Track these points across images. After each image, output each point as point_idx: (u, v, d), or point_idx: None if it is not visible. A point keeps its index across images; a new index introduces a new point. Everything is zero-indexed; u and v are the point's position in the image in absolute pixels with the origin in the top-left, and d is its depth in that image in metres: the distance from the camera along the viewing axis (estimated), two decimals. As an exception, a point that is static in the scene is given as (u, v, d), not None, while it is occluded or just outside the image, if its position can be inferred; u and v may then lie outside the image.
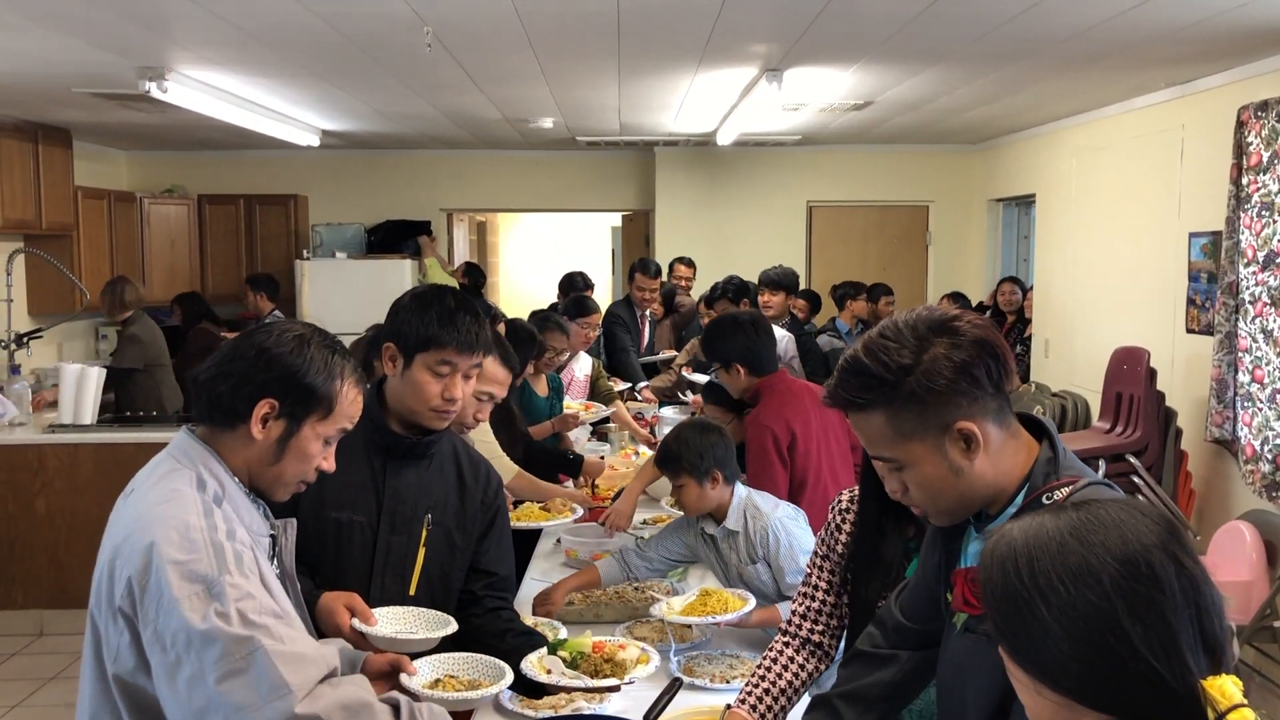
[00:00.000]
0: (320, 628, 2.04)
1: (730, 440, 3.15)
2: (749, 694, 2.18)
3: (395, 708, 1.64)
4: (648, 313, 6.92)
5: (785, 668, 2.23)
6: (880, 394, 1.53)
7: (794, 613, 2.36)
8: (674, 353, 6.65)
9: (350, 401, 1.80)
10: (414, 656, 2.09)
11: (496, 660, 2.18)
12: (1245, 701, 1.05)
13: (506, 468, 3.65)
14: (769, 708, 2.15)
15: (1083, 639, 1.10)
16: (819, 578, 2.35)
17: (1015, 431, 1.59)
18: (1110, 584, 1.10)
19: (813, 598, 2.34)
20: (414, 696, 1.86)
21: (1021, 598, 1.14)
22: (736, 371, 3.69)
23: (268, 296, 7.93)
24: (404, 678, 1.99)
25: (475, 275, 8.92)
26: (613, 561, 3.15)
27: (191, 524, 1.60)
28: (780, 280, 6.36)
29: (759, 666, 2.25)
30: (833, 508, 2.40)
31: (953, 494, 1.57)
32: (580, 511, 3.78)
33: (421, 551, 2.34)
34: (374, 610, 2.15)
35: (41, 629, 5.75)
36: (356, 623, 2.09)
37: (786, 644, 2.27)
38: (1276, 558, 4.62)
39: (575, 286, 6.66)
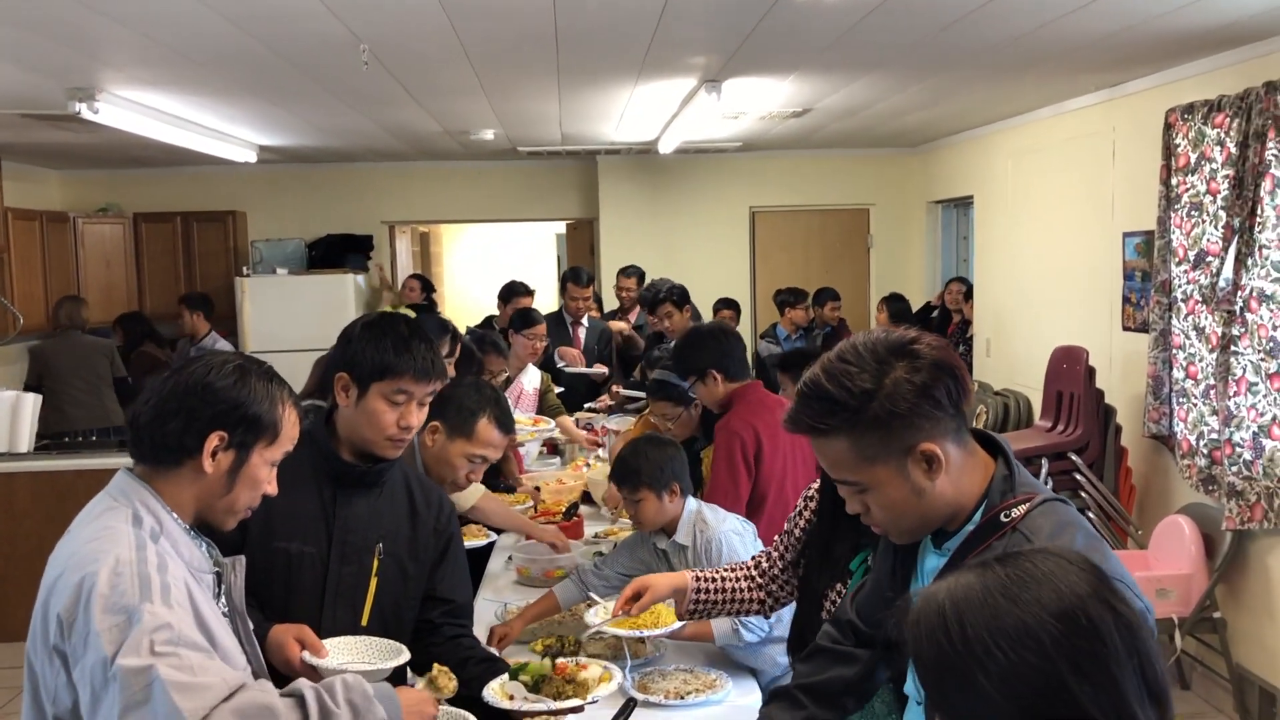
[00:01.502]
0: (270, 661, 2.02)
1: (684, 454, 3.17)
2: (701, 574, 2.55)
3: (299, 698, 1.62)
4: (584, 320, 6.91)
5: (738, 581, 2.57)
6: (843, 419, 1.53)
7: (753, 558, 2.63)
8: (604, 369, 6.63)
9: (292, 424, 1.83)
10: None
11: (451, 709, 2.16)
12: None
13: (472, 489, 3.56)
14: (709, 591, 2.52)
15: (1028, 706, 1.04)
16: (778, 550, 2.59)
17: (972, 450, 1.61)
18: (1051, 643, 1.04)
19: (769, 558, 2.60)
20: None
21: (957, 667, 1.06)
22: (713, 379, 3.70)
23: (204, 315, 7.82)
24: (307, 655, 2.03)
25: (429, 290, 8.80)
26: (569, 584, 3.15)
27: (121, 557, 1.59)
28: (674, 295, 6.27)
29: (724, 567, 2.56)
30: (805, 493, 2.61)
31: (915, 514, 1.59)
32: (494, 536, 3.76)
33: (373, 581, 2.32)
34: (324, 641, 2.13)
35: (-19, 664, 5.62)
36: (307, 655, 2.07)
37: (744, 570, 2.60)
38: (1214, 550, 4.73)
39: (516, 293, 6.61)
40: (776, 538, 2.64)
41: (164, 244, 8.95)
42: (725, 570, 2.60)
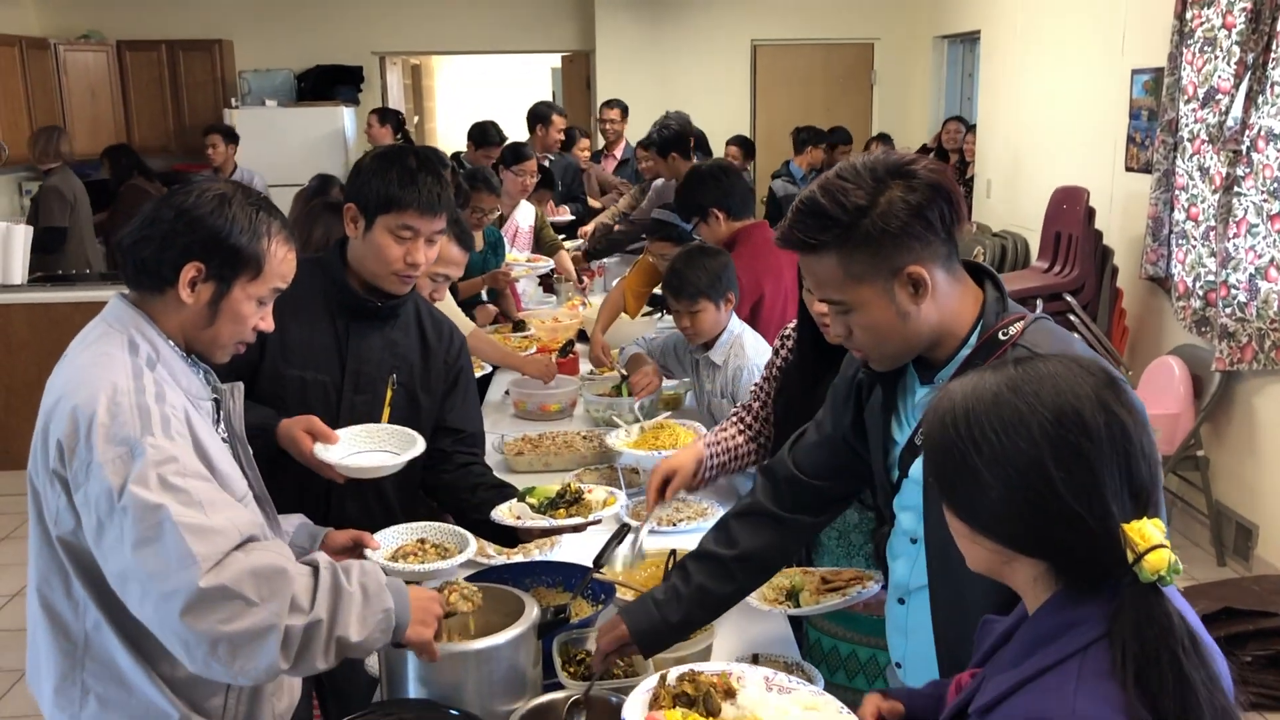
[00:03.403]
0: (286, 452, 2.10)
1: (733, 263, 3.16)
2: (712, 441, 2.55)
3: (314, 568, 1.62)
4: (550, 156, 6.78)
5: (735, 439, 2.59)
6: (834, 235, 1.53)
7: (736, 410, 2.65)
8: (568, 214, 6.56)
9: (281, 260, 1.76)
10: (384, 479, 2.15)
11: (460, 529, 2.20)
12: (1165, 543, 1.09)
13: (463, 324, 3.60)
14: (718, 459, 2.52)
15: (1012, 485, 1.15)
16: (757, 394, 2.64)
17: (961, 277, 1.60)
18: (1039, 431, 1.14)
19: (750, 406, 2.64)
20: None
21: (957, 449, 1.19)
22: (715, 218, 3.66)
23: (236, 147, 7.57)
24: (368, 551, 2.01)
25: (398, 125, 8.41)
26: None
27: (119, 386, 1.58)
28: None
29: (718, 429, 2.62)
30: (781, 332, 2.63)
31: (898, 338, 1.59)
32: (488, 369, 3.79)
33: (386, 411, 2.34)
34: (339, 431, 2.15)
35: (-14, 491, 5.74)
36: (319, 448, 2.08)
37: (736, 426, 2.62)
38: (1203, 390, 4.79)
39: (488, 138, 6.33)
40: (758, 382, 2.67)
41: (150, 74, 8.72)
42: (721, 435, 2.59)
